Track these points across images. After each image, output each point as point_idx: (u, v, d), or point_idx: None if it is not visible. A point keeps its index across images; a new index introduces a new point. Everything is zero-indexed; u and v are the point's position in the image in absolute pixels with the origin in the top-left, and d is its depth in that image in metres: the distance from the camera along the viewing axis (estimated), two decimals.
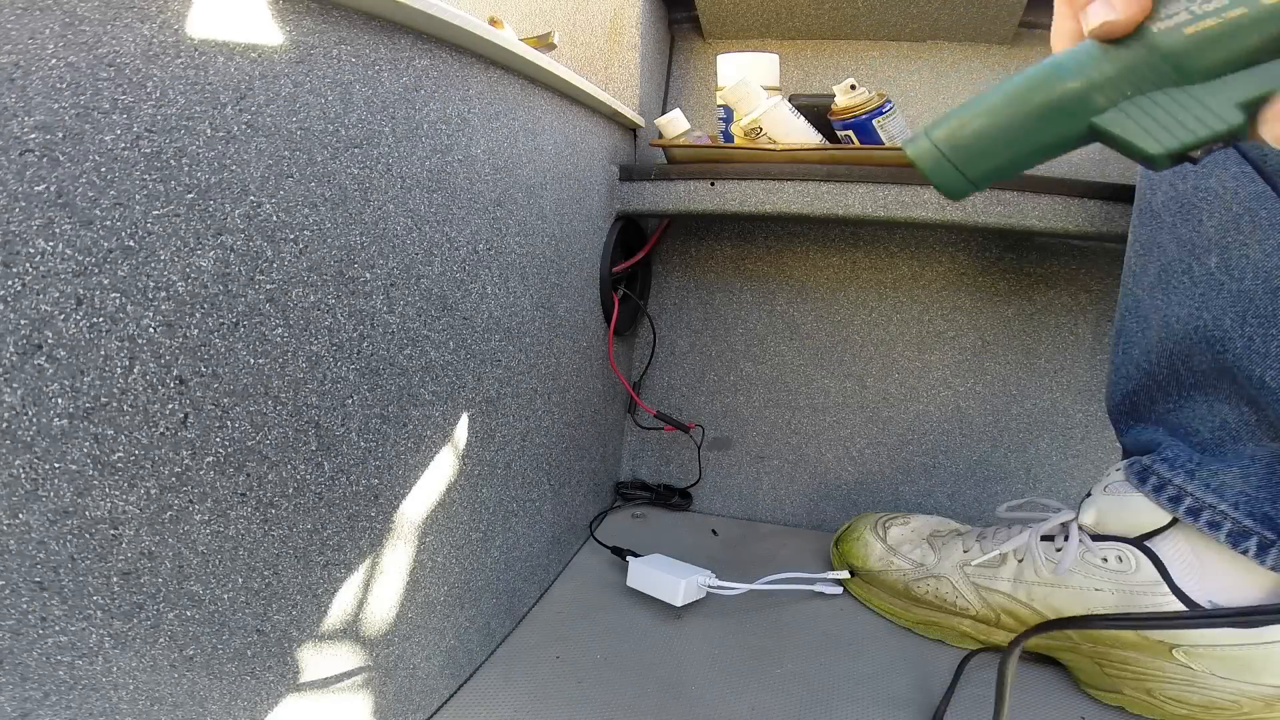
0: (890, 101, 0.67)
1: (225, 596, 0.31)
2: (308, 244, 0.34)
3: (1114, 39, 0.27)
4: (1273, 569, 0.45)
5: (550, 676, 0.52)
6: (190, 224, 0.28)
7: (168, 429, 0.28)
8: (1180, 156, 0.27)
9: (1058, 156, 0.30)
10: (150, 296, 0.27)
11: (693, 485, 0.85)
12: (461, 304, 0.46)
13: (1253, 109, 0.26)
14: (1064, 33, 0.31)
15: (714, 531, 0.79)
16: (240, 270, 0.30)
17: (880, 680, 0.53)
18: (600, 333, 0.73)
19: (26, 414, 0.23)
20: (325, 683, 0.38)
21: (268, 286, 0.32)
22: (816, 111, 0.70)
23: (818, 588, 0.64)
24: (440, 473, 0.46)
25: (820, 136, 0.70)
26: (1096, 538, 0.52)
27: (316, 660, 0.37)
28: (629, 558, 0.65)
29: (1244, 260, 0.45)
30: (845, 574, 0.64)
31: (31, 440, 0.23)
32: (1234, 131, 0.26)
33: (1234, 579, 0.47)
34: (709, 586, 0.61)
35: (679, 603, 0.59)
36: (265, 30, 0.30)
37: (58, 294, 0.24)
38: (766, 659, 0.55)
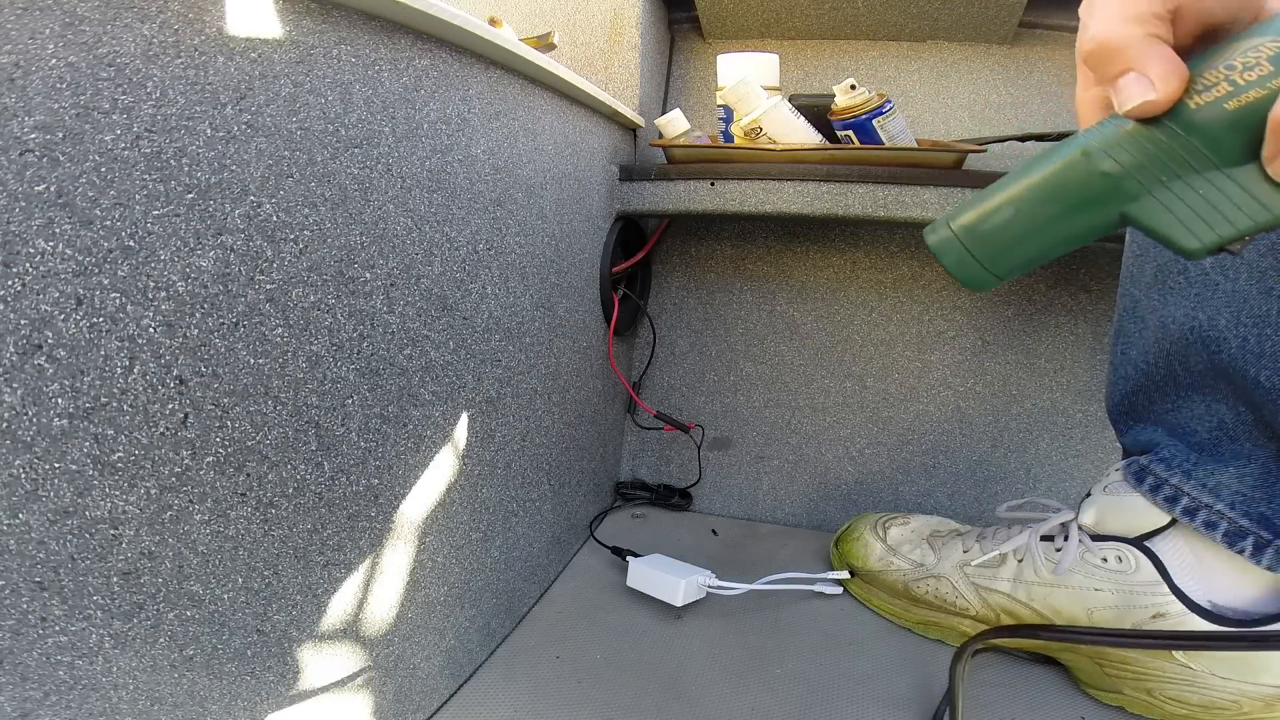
0: (890, 101, 0.67)
1: (225, 596, 0.31)
2: (308, 244, 0.34)
3: (1150, 118, 0.24)
4: (1269, 569, 0.45)
5: (550, 676, 0.52)
6: (190, 224, 0.28)
7: (168, 429, 0.28)
8: (1220, 249, 0.24)
9: (1088, 243, 0.27)
10: (150, 296, 0.27)
11: (693, 485, 0.85)
12: (461, 304, 0.46)
13: None
14: (1089, 100, 0.28)
15: (714, 531, 0.79)
16: (240, 270, 0.30)
17: (880, 680, 0.53)
18: (600, 333, 0.73)
19: (26, 414, 0.23)
20: (325, 683, 0.38)
21: (268, 286, 0.32)
22: (816, 111, 0.70)
23: (818, 588, 0.64)
24: (440, 473, 0.46)
25: (820, 136, 0.70)
26: (1096, 538, 0.52)
27: (316, 660, 0.37)
28: (629, 558, 0.65)
29: (1238, 260, 0.45)
30: (845, 574, 0.64)
31: (31, 440, 0.23)
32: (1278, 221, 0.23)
33: (1234, 579, 0.47)
34: (709, 586, 0.61)
35: (679, 603, 0.59)
36: (265, 30, 0.30)
37: (58, 294, 0.24)
38: (766, 659, 0.55)
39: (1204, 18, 0.26)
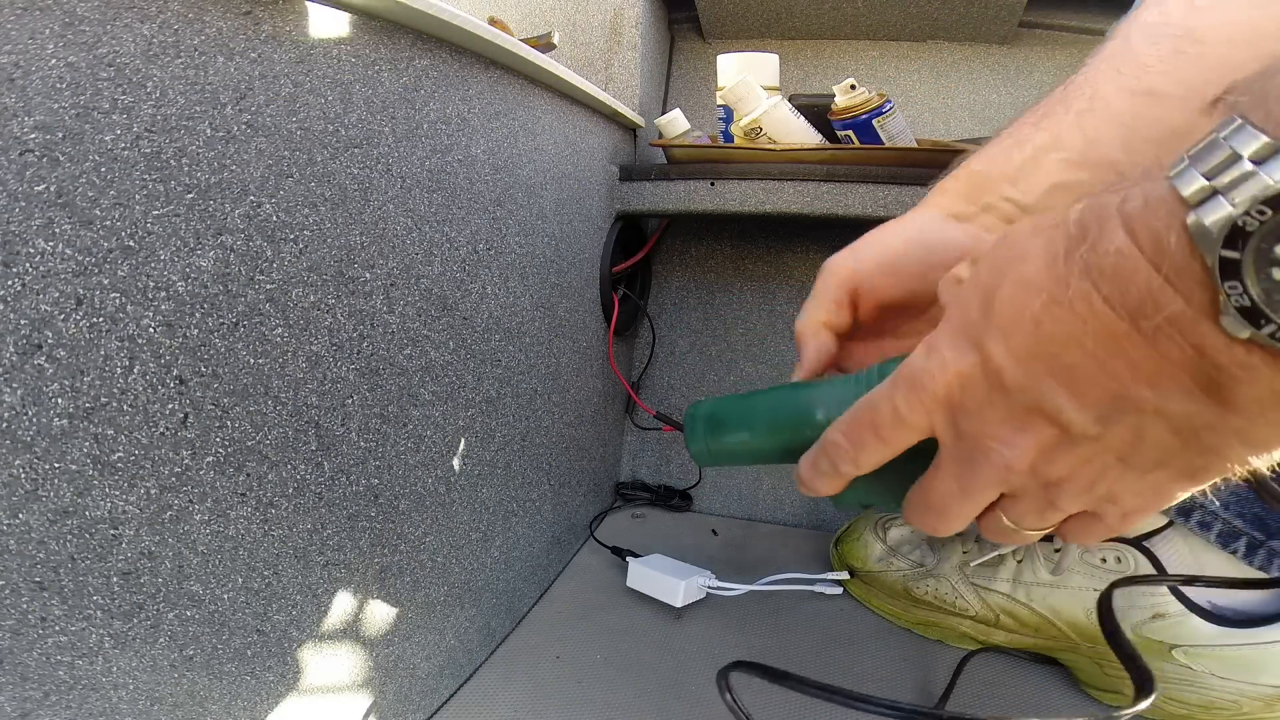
0: (890, 101, 0.67)
1: (225, 596, 0.31)
2: (308, 244, 0.34)
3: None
4: (1261, 569, 0.45)
5: (550, 676, 0.52)
6: (190, 224, 0.28)
7: (168, 429, 0.28)
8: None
9: (781, 461, 0.32)
10: (150, 296, 0.27)
11: (693, 486, 0.85)
12: (461, 304, 0.46)
13: None
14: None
15: (714, 532, 0.79)
16: (240, 270, 0.30)
17: (880, 680, 0.53)
18: (600, 333, 0.73)
19: (26, 414, 0.23)
20: (325, 683, 0.38)
21: (268, 286, 0.32)
22: (816, 111, 0.70)
23: (818, 588, 0.64)
24: (440, 473, 0.46)
25: (820, 136, 0.70)
26: None
27: (316, 660, 0.37)
28: (629, 558, 0.65)
29: None
30: (845, 574, 0.64)
31: (31, 440, 0.23)
32: None
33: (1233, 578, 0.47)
34: (709, 587, 0.61)
35: (679, 603, 0.59)
36: (265, 30, 0.30)
37: (58, 294, 0.24)
38: (767, 659, 0.55)
39: (880, 297, 0.35)
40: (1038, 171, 0.32)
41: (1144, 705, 0.32)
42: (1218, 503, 0.47)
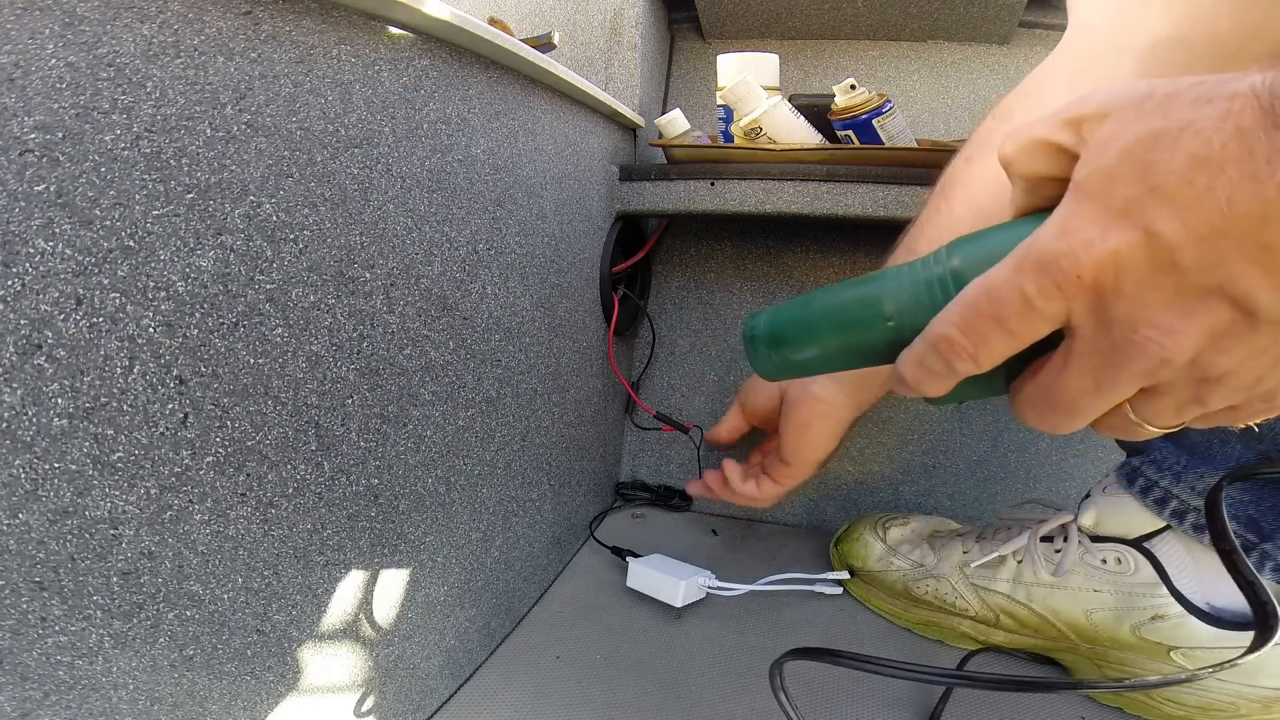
0: (890, 101, 0.67)
1: (225, 596, 0.31)
2: (308, 244, 0.34)
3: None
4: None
5: (550, 676, 0.53)
6: (190, 224, 0.28)
7: (168, 429, 0.28)
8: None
9: (859, 364, 0.30)
10: (150, 296, 0.27)
11: None
12: (461, 304, 0.46)
13: None
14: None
15: (714, 531, 0.79)
16: (240, 270, 0.30)
17: (880, 680, 0.53)
18: (600, 333, 0.73)
19: (26, 414, 0.23)
20: (325, 683, 0.38)
21: (268, 286, 0.32)
22: (816, 111, 0.70)
23: (818, 588, 0.64)
24: (440, 473, 0.46)
25: (820, 136, 0.70)
26: (1096, 539, 0.52)
27: (316, 660, 0.37)
28: (629, 558, 0.65)
29: None
30: (845, 574, 0.64)
31: (31, 440, 0.23)
32: None
33: (1231, 581, 0.47)
34: (709, 587, 0.61)
35: (679, 603, 0.59)
36: (265, 30, 0.30)
37: (58, 294, 0.24)
38: (766, 659, 0.55)
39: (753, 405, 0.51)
40: None
41: (1269, 645, 0.29)
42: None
